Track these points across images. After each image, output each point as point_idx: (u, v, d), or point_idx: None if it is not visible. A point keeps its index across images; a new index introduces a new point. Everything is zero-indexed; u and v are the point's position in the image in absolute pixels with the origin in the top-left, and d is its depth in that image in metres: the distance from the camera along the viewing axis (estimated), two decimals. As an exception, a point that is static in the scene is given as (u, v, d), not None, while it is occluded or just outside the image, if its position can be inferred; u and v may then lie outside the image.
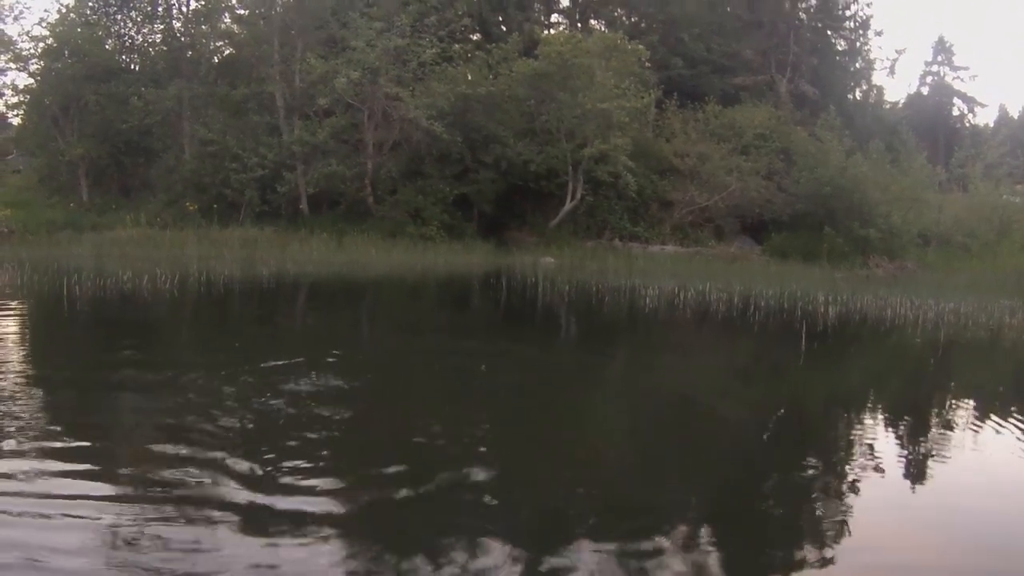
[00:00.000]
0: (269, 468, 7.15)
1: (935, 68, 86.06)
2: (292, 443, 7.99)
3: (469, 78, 39.75)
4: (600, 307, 25.66)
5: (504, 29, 48.14)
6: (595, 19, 54.65)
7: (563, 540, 6.16)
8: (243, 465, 7.21)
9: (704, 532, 6.69)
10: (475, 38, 47.51)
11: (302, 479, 6.92)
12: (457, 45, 42.35)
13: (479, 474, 7.48)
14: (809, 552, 6.46)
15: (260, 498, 6.45)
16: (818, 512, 7.55)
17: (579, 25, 52.22)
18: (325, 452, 7.91)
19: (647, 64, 43.68)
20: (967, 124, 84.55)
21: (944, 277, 40.22)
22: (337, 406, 9.59)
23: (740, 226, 43.81)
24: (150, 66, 42.87)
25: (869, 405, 13.41)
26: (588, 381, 13.19)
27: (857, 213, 42.25)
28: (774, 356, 18.52)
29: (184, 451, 7.53)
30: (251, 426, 8.62)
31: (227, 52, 44.82)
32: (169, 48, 42.04)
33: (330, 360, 12.39)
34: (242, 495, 6.47)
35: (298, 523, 5.98)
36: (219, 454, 7.47)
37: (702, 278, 31.88)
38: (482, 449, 8.45)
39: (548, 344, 17.22)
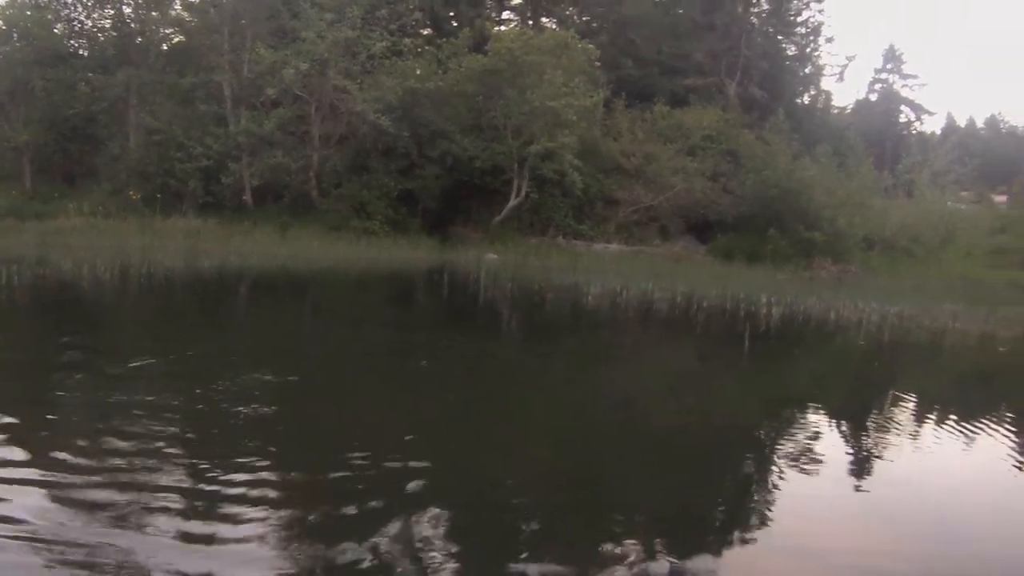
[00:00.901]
0: (203, 460, 7.35)
1: (884, 75, 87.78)
2: (226, 436, 8.25)
3: (418, 72, 39.76)
4: (542, 304, 26.12)
5: (455, 24, 48.25)
6: (547, 17, 55.02)
7: (501, 530, 6.54)
8: (179, 456, 7.51)
9: (645, 526, 7.08)
10: (426, 32, 47.90)
11: (235, 472, 7.07)
12: (408, 39, 42.28)
13: (415, 466, 7.68)
14: (750, 543, 7.02)
15: (195, 489, 6.67)
16: (759, 506, 8.13)
17: (530, 22, 52.56)
18: (259, 444, 8.09)
19: (597, 63, 44.55)
20: (914, 131, 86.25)
21: (888, 281, 40.82)
22: (273, 398, 9.90)
23: (685, 226, 44.27)
24: (99, 52, 42.41)
25: (811, 405, 13.76)
26: (527, 379, 13.50)
27: (802, 216, 42.83)
28: (716, 356, 18.94)
29: (115, 440, 7.74)
30: (186, 418, 8.81)
31: (176, 40, 44.66)
32: (119, 34, 41.75)
33: (266, 353, 12.77)
34: (176, 485, 6.71)
35: (233, 514, 6.20)
36: (153, 445, 7.67)
37: (646, 277, 32.27)
38: (416, 440, 8.71)
39: (487, 341, 17.38)
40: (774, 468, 9.55)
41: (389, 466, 7.67)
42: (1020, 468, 10.66)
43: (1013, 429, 13.38)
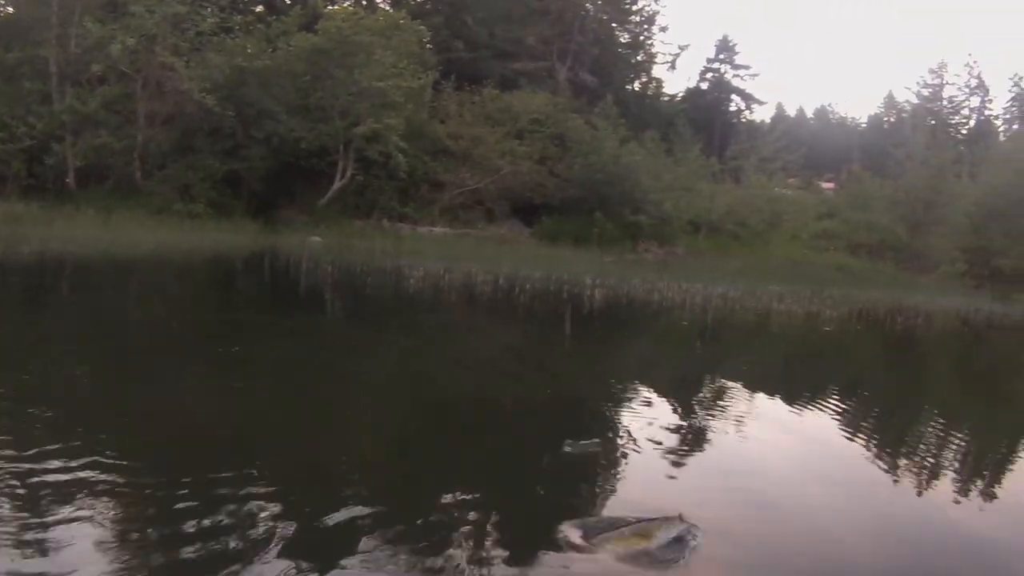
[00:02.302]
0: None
1: (716, 65, 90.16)
2: (22, 427, 7.92)
3: (249, 50, 39.39)
4: (363, 289, 26.16)
5: (288, 2, 48.21)
6: (381, -3, 55.03)
7: (322, 513, 6.44)
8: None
9: (471, 508, 7.06)
10: (258, 10, 47.10)
11: (45, 460, 6.83)
12: (239, 16, 42.00)
13: (226, 454, 7.69)
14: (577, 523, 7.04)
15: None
16: (588, 484, 8.42)
17: (364, 2, 52.37)
18: (56, 435, 7.64)
19: (428, 45, 45.67)
20: (744, 119, 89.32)
21: (715, 263, 42.96)
22: (78, 387, 9.90)
23: (510, 209, 45.30)
24: (-83, 25, 40.39)
25: (630, 385, 14.29)
26: (343, 364, 13.42)
27: (629, 200, 44.72)
28: (538, 338, 19.38)
29: None
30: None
31: (2, 13, 42.96)
32: (-62, 6, 39.83)
33: (75, 341, 12.91)
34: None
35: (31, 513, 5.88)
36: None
37: (470, 260, 33.21)
38: (224, 426, 8.68)
39: (305, 327, 17.23)
40: (596, 445, 9.68)
41: (199, 455, 7.59)
42: (849, 439, 11.63)
43: (837, 404, 14.89)
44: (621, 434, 10.19)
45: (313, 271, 28.14)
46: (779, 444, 11.21)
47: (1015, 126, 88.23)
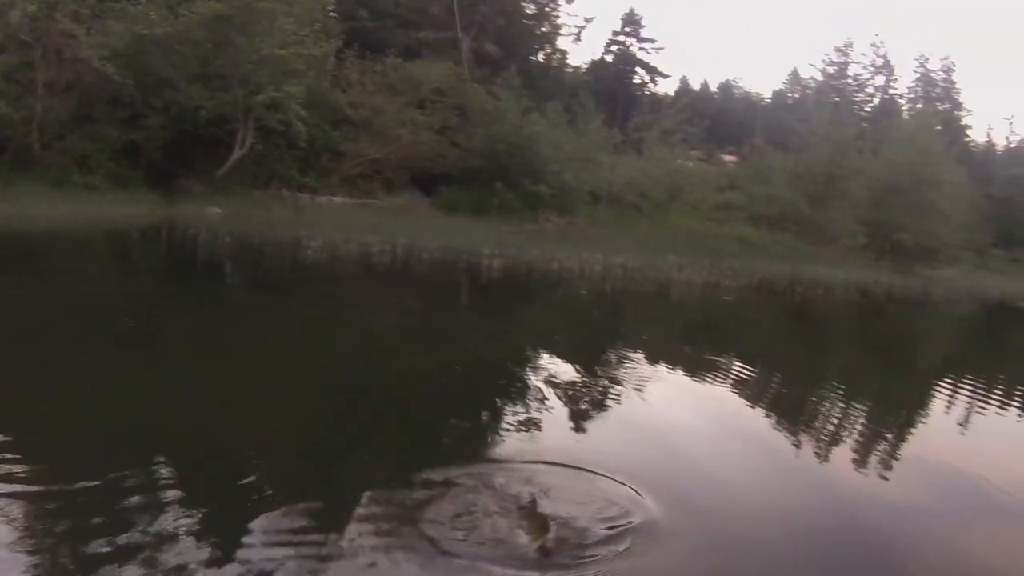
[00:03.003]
0: None
1: (622, 38, 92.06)
2: None
3: (152, 16, 38.28)
4: (263, 259, 26.52)
5: None
6: (285, -37, 54.58)
7: (227, 492, 6.73)
8: None
9: (378, 477, 7.47)
10: None
11: None
12: None
13: (125, 427, 7.81)
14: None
15: None
16: (494, 443, 8.97)
17: None
18: None
19: (331, 13, 46.21)
20: (647, 92, 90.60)
21: (614, 234, 43.99)
22: None
23: (410, 179, 45.85)
24: None
25: (532, 352, 15.15)
26: (239, 335, 13.70)
27: (530, 170, 45.53)
28: (438, 307, 20.15)
29: None
30: None
31: None
32: None
33: None
34: None
35: None
36: None
37: (369, 230, 33.84)
38: (114, 400, 8.84)
39: (204, 298, 17.52)
40: (489, 409, 10.48)
41: (98, 433, 7.65)
42: (749, 402, 12.75)
43: (737, 369, 15.93)
44: (527, 398, 10.96)
45: (212, 242, 28.21)
46: (681, 405, 12.31)
47: (919, 105, 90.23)
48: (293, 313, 16.69)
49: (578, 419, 10.40)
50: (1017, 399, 17.37)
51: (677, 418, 11.47)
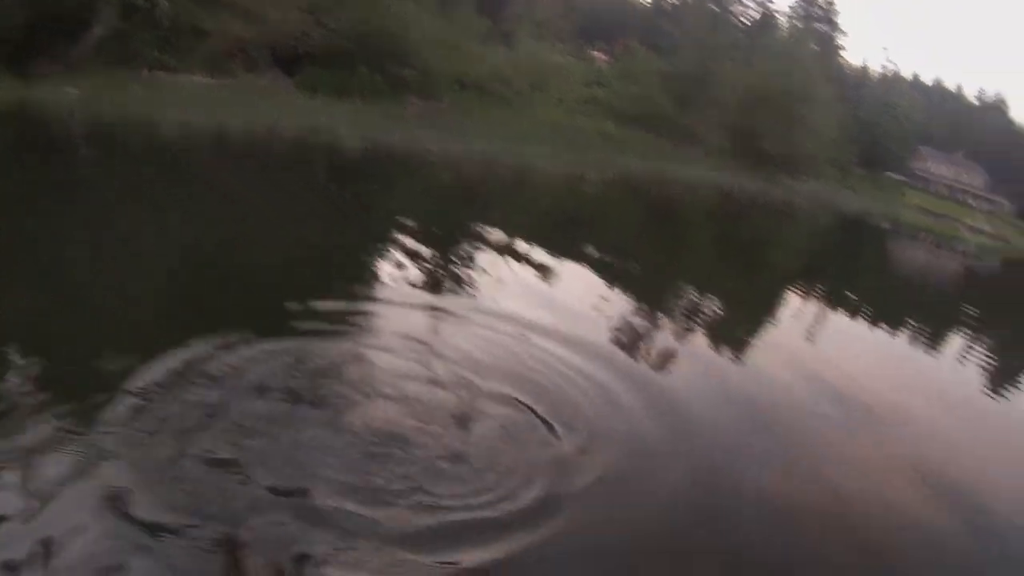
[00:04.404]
0: None
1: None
2: None
3: None
4: (121, 142, 25.79)
5: None
6: None
7: (85, 381, 6.89)
8: None
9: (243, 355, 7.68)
10: None
11: None
12: None
13: None
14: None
15: None
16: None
17: None
18: None
19: None
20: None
21: (479, 122, 44.73)
22: None
23: (273, 59, 45.08)
24: None
25: (390, 236, 15.29)
26: (98, 223, 13.39)
27: (396, 53, 45.44)
28: (295, 190, 20.09)
29: None
30: None
31: None
32: None
33: None
34: None
35: None
36: None
37: (230, 110, 33.60)
38: None
39: (59, 184, 16.77)
40: (333, 290, 10.76)
41: None
42: (607, 284, 13.43)
43: (594, 257, 16.67)
44: (383, 281, 11.54)
45: (68, 124, 27.50)
46: (539, 287, 13.00)
47: (799, 24, 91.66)
48: (152, 195, 16.67)
49: (434, 301, 10.92)
50: (863, 309, 19.04)
51: (532, 298, 12.16)
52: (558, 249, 17.04)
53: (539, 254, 16.13)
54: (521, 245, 16.71)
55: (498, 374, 8.51)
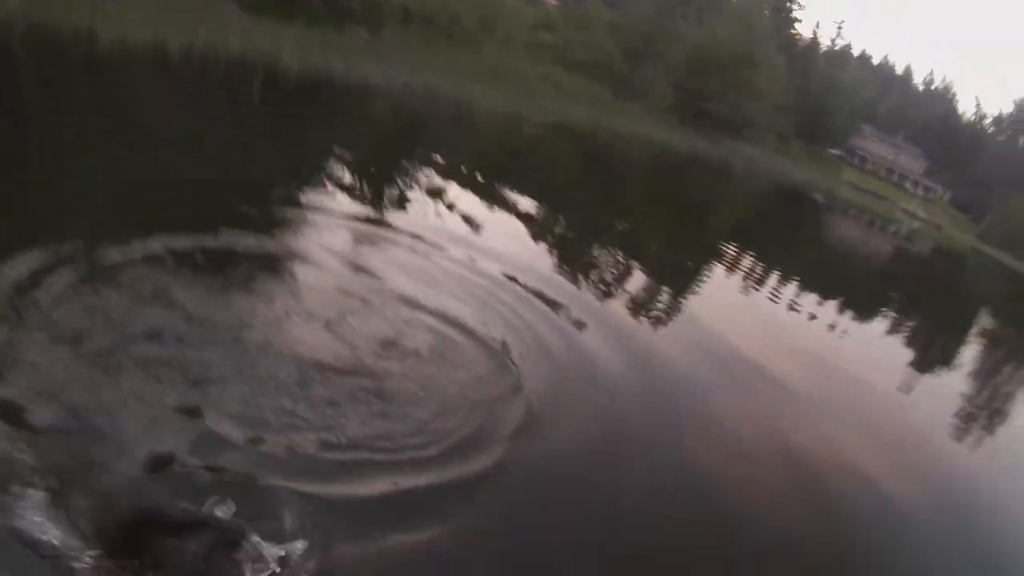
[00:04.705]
0: None
1: None
2: None
3: None
4: (54, 60, 24.85)
5: None
6: None
7: None
8: None
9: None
10: None
11: None
12: None
13: None
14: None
15: None
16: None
17: None
18: None
19: None
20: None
21: (424, 56, 43.49)
22: None
23: None
24: None
25: (326, 166, 15.27)
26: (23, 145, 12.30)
27: None
28: (230, 116, 19.33)
29: None
30: None
31: None
32: None
33: None
34: None
35: None
36: None
37: (168, 26, 32.30)
38: None
39: None
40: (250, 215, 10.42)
41: None
42: (539, 229, 13.28)
43: (530, 200, 16.22)
44: (320, 208, 11.23)
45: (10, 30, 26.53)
46: (477, 221, 12.86)
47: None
48: (80, 117, 15.27)
49: (368, 236, 10.66)
50: (787, 276, 18.70)
51: (465, 232, 12.10)
52: (489, 189, 17.01)
53: (471, 189, 16.20)
54: (453, 176, 16.79)
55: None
